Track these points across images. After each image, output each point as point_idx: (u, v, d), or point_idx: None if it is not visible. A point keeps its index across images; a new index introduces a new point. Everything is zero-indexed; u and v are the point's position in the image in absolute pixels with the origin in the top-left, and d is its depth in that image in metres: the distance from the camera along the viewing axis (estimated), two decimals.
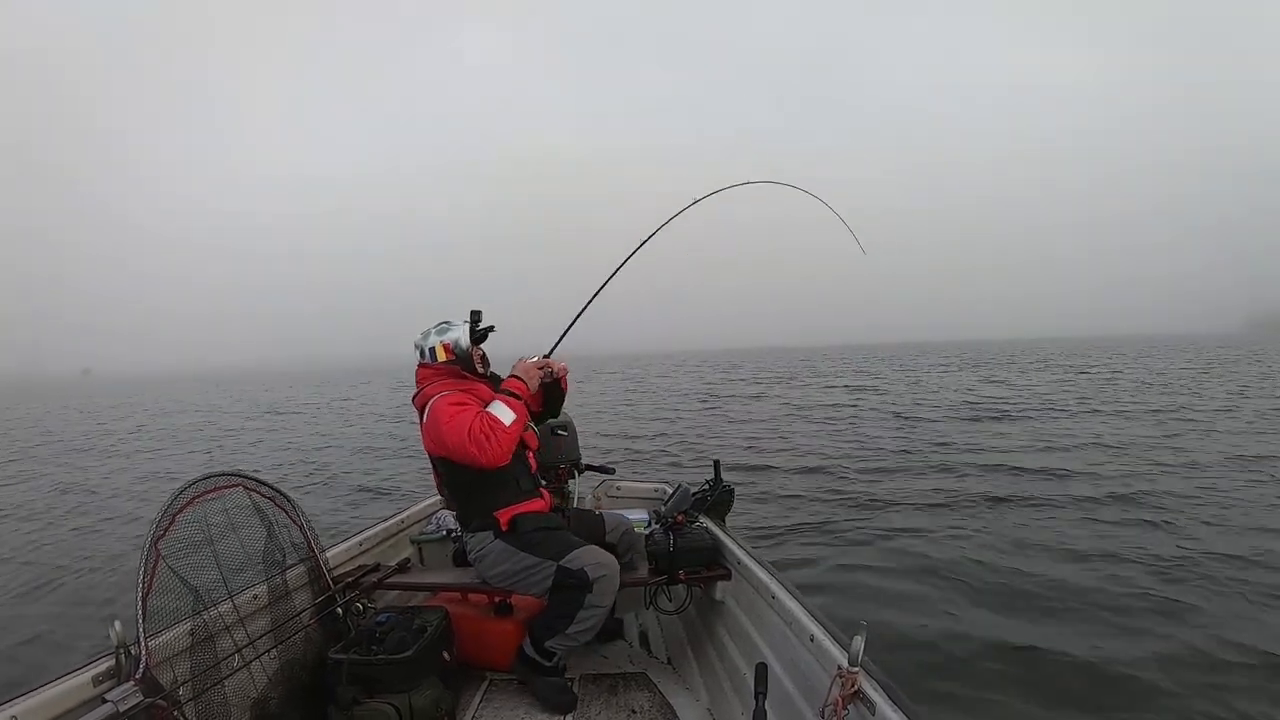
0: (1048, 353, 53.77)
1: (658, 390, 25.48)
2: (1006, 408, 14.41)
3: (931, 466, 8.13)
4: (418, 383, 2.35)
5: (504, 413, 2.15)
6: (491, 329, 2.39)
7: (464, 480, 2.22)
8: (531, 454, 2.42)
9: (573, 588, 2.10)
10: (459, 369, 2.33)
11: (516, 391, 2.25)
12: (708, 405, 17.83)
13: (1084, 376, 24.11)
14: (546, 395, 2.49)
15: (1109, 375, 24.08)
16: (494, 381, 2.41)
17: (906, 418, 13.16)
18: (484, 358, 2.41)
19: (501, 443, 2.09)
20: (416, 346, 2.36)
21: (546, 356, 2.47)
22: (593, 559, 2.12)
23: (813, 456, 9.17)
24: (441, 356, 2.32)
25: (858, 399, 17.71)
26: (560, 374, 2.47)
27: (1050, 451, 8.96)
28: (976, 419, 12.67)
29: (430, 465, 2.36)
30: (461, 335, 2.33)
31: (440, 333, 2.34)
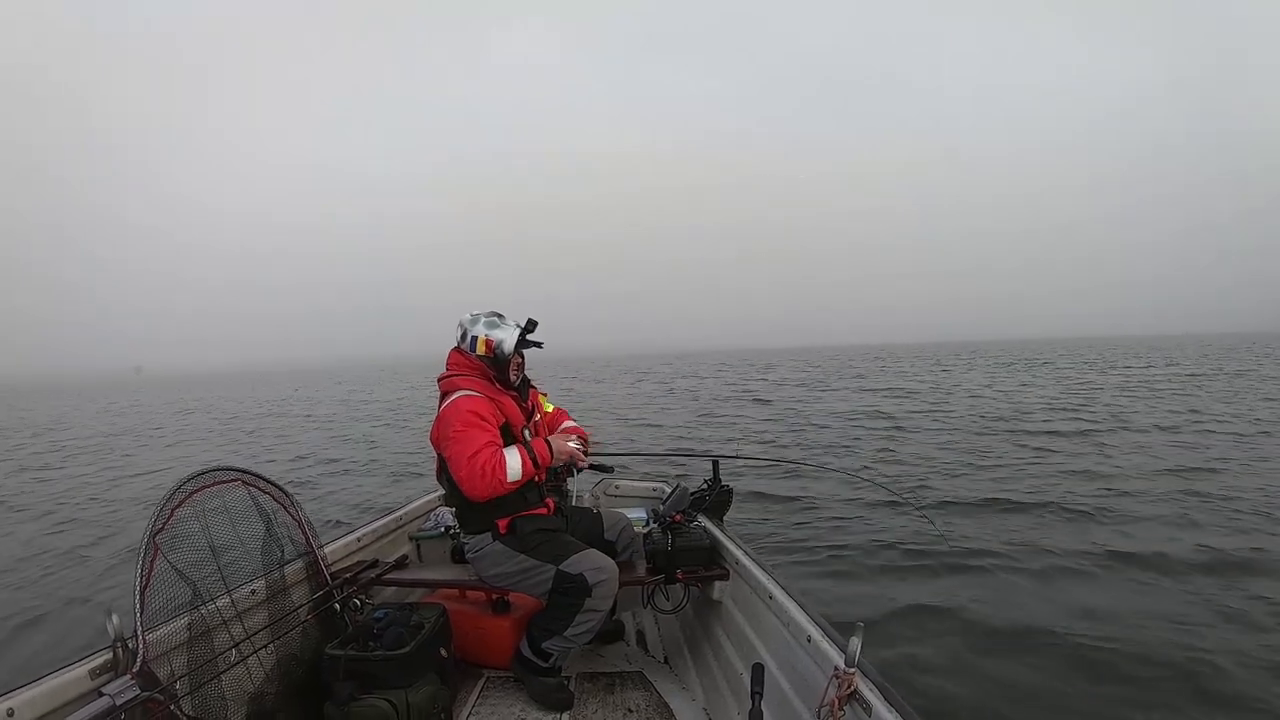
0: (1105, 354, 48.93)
1: (682, 391, 24.40)
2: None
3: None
4: (448, 365, 2.29)
5: (514, 466, 2.08)
6: (539, 345, 2.32)
7: None
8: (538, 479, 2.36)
9: (571, 592, 2.09)
10: (492, 372, 2.26)
11: (539, 459, 2.17)
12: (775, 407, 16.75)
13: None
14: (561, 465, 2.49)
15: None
16: (522, 390, 2.36)
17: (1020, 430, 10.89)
18: (521, 365, 2.36)
19: (492, 488, 2.03)
20: (460, 326, 2.28)
21: (585, 455, 2.47)
22: (592, 564, 2.12)
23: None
24: (481, 350, 2.23)
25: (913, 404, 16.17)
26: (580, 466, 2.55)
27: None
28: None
29: (433, 450, 2.33)
30: (509, 339, 2.24)
31: (490, 326, 2.25)
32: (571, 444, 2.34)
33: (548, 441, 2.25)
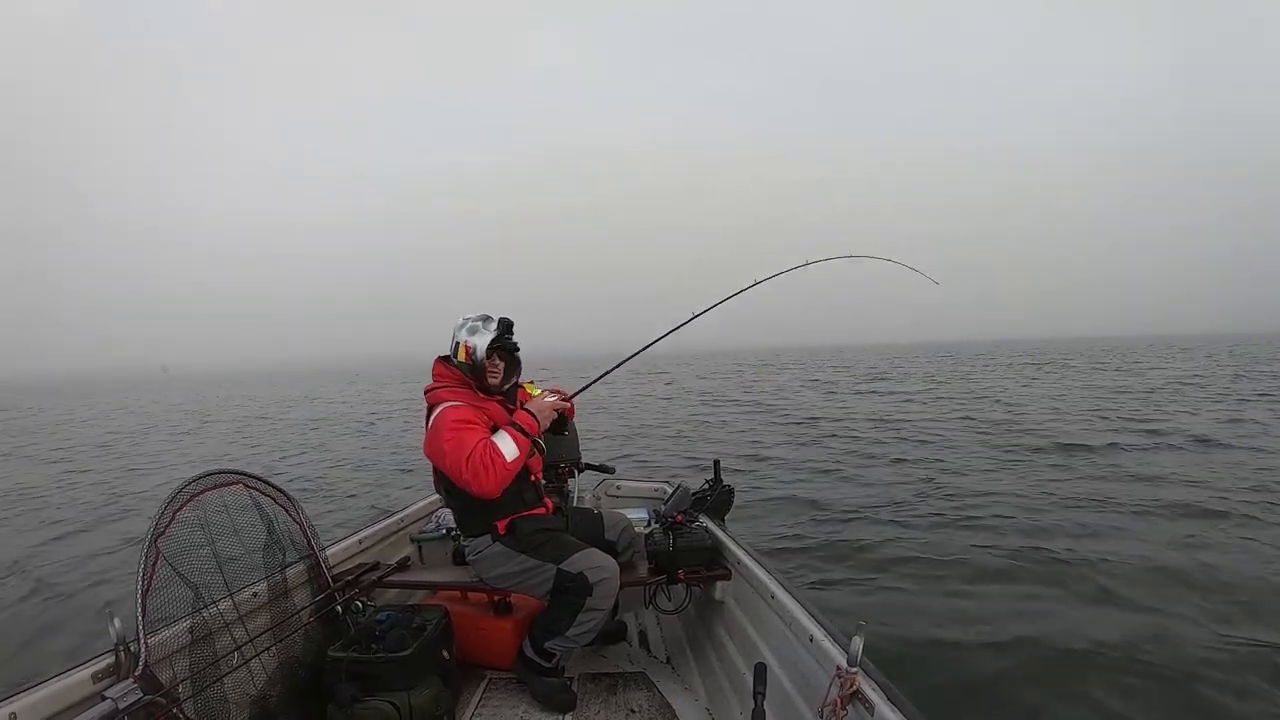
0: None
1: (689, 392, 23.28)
2: None
3: None
4: (433, 376, 2.26)
5: (508, 447, 2.07)
6: (516, 347, 2.27)
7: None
8: (535, 475, 2.34)
9: (572, 591, 2.09)
10: (472, 382, 2.21)
11: (526, 428, 2.15)
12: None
13: None
14: (551, 424, 2.38)
15: None
16: (510, 396, 2.31)
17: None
18: (500, 370, 2.26)
19: (497, 477, 2.02)
20: (453, 331, 2.25)
21: (568, 399, 2.38)
22: (592, 563, 2.11)
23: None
24: (460, 357, 2.20)
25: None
26: (569, 417, 2.42)
27: None
28: None
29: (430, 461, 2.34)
30: (482, 343, 2.18)
31: (471, 331, 2.20)
32: (549, 399, 2.29)
33: (526, 409, 2.21)
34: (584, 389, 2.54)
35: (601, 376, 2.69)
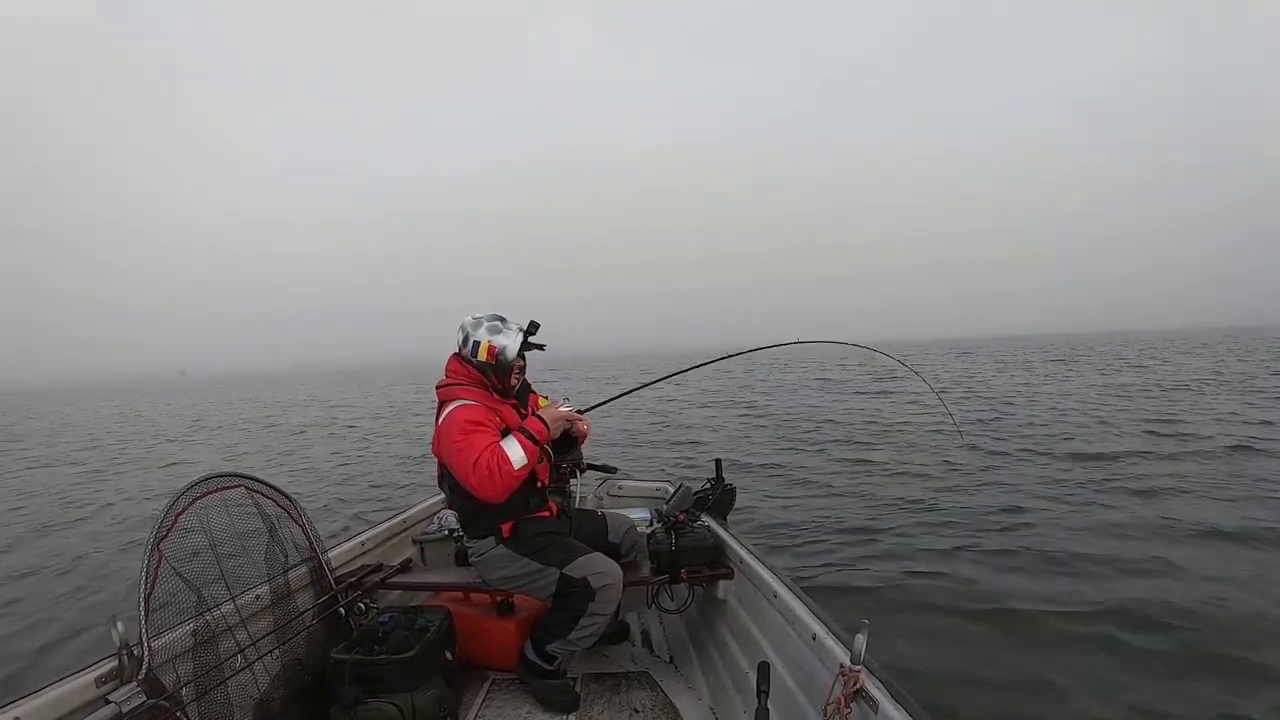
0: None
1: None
2: None
3: None
4: (447, 372, 2.24)
5: (516, 454, 2.05)
6: (541, 348, 2.27)
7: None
8: (542, 481, 2.33)
9: (575, 596, 2.09)
10: (490, 380, 2.21)
11: (536, 435, 2.13)
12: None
13: None
14: (559, 440, 2.37)
15: None
16: (522, 396, 2.32)
17: None
18: (522, 369, 2.30)
19: (503, 484, 2.00)
20: (462, 329, 2.21)
21: (581, 412, 2.37)
22: (596, 568, 2.11)
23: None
24: (483, 356, 2.17)
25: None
26: (580, 435, 2.41)
27: None
28: None
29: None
30: (512, 344, 2.17)
31: (492, 331, 2.18)
32: (562, 409, 2.27)
33: (538, 416, 2.20)
34: (595, 405, 2.51)
35: (618, 397, 2.67)
